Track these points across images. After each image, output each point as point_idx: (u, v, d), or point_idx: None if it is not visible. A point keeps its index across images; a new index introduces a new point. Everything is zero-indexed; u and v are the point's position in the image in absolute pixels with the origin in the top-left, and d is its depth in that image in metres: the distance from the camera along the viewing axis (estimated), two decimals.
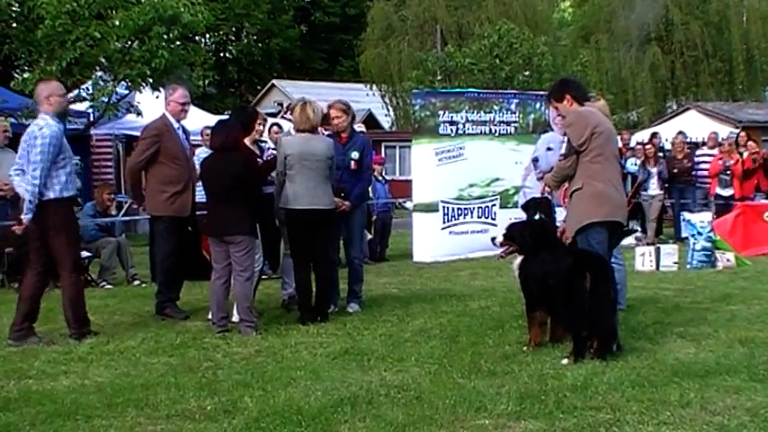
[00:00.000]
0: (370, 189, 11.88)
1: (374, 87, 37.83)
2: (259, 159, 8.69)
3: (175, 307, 8.78)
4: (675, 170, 16.21)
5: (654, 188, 16.00)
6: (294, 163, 8.25)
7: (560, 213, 7.47)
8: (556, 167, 7.29)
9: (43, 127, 7.40)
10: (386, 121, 40.04)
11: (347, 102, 9.35)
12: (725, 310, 8.61)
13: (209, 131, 10.15)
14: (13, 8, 10.62)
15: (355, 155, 9.02)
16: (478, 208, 14.36)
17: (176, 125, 9.00)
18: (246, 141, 8.47)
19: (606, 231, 6.93)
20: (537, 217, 7.74)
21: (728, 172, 16.15)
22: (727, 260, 12.27)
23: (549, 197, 8.07)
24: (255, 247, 7.99)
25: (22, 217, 7.33)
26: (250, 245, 7.85)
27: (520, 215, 8.62)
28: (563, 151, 7.07)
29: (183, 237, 8.93)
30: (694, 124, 23.46)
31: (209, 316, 8.17)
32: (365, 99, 36.32)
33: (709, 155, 16.77)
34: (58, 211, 7.45)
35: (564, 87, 7.28)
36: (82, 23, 9.88)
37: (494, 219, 14.27)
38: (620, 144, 10.91)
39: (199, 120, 10.63)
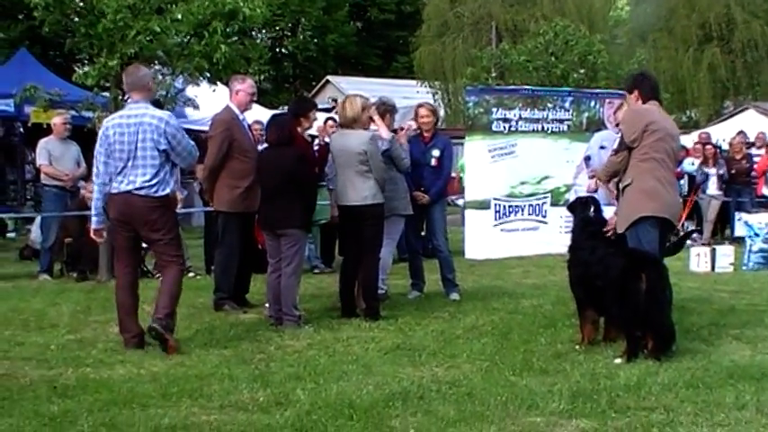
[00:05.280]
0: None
1: (424, 84, 37.72)
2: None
3: (233, 303, 8.66)
4: (733, 171, 15.96)
5: (713, 189, 15.76)
6: (335, 159, 8.35)
7: (608, 212, 7.38)
8: (607, 161, 7.37)
9: (168, 119, 6.92)
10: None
11: (434, 104, 9.58)
12: None
13: (257, 126, 10.17)
14: (75, 1, 10.83)
15: (436, 153, 9.46)
16: (529, 206, 14.29)
17: (241, 117, 8.81)
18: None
19: (657, 230, 6.87)
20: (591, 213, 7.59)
21: None
22: None
23: (596, 196, 7.97)
24: (305, 242, 7.95)
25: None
26: (300, 239, 7.86)
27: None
28: (615, 146, 7.11)
29: (251, 231, 8.71)
30: (752, 124, 23.06)
31: (266, 311, 8.23)
32: (417, 96, 36.32)
33: (757, 155, 16.55)
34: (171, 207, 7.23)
35: (635, 82, 7.27)
36: (142, 18, 10.02)
37: (544, 216, 14.21)
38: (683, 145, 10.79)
39: (254, 114, 10.69)
